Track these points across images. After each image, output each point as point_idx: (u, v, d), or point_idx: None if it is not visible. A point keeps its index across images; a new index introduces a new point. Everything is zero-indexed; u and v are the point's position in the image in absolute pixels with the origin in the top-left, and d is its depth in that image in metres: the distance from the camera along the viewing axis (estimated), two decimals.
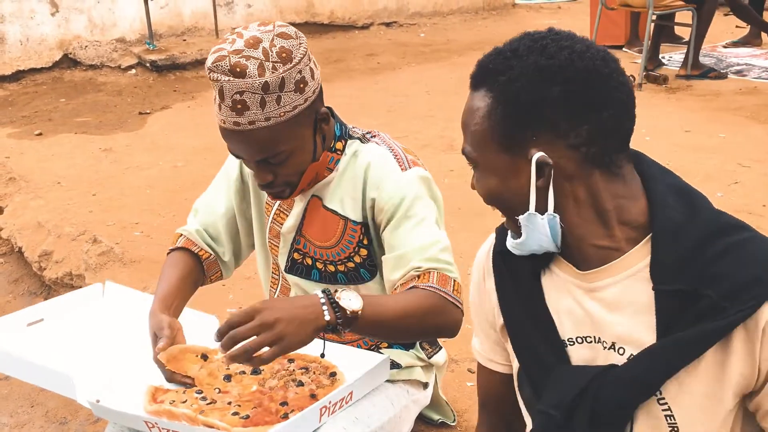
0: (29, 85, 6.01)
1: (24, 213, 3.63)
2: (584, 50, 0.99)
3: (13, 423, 2.41)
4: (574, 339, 1.08)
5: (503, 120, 1.01)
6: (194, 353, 1.53)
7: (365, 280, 1.61)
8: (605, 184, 1.01)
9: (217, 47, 1.41)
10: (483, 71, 1.04)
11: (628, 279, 1.02)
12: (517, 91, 0.99)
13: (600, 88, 0.99)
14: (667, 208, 1.01)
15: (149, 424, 1.31)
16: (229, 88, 1.37)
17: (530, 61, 0.99)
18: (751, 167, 3.93)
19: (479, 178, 1.07)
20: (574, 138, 0.99)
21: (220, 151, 5.00)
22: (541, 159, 0.99)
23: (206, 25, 6.80)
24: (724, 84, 5.50)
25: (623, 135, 1.03)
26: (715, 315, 0.95)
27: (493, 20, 8.19)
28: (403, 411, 1.60)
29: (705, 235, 0.98)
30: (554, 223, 1.02)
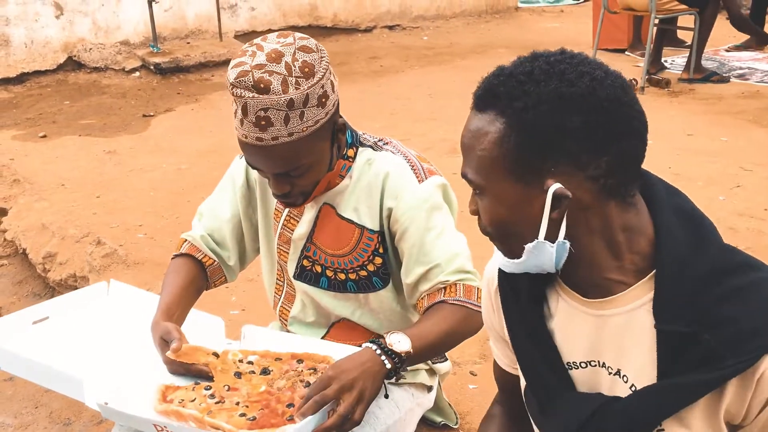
0: (34, 88, 6.03)
1: (28, 215, 3.65)
2: (604, 77, 0.96)
3: (17, 424, 2.42)
4: (578, 363, 1.07)
5: (517, 148, 0.95)
6: (205, 352, 1.54)
7: (377, 288, 1.61)
8: (619, 215, 0.98)
9: (237, 61, 1.39)
10: (492, 94, 0.98)
11: (632, 311, 1.01)
12: (536, 120, 0.94)
13: (620, 118, 0.95)
14: (673, 241, 0.98)
15: (158, 427, 1.32)
16: (254, 105, 1.36)
17: (550, 88, 0.94)
18: (753, 171, 3.93)
19: (485, 205, 1.02)
20: (594, 170, 0.94)
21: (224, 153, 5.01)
22: (559, 191, 0.94)
23: (210, 28, 6.82)
24: (727, 88, 5.51)
25: (639, 164, 1.00)
26: (713, 363, 0.93)
27: (496, 23, 8.21)
28: (408, 414, 1.61)
29: (710, 274, 0.95)
30: (563, 250, 0.99)
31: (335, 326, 1.67)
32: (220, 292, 2.89)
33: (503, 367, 1.28)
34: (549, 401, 1.09)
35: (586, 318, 1.04)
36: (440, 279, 1.49)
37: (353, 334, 1.65)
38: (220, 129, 4.97)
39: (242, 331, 1.69)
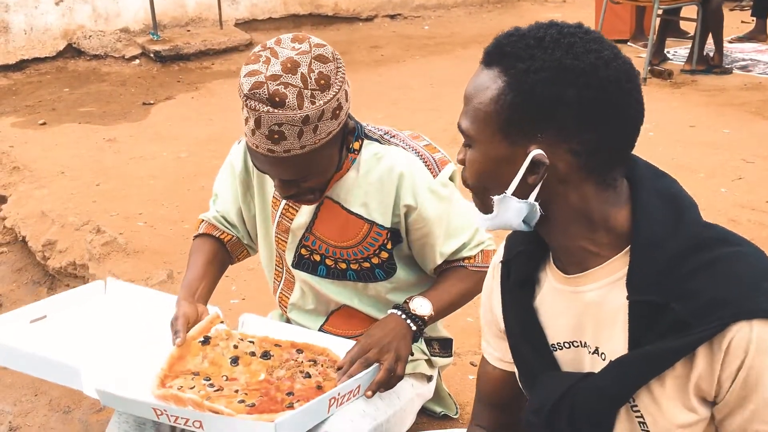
0: (33, 75, 6.01)
1: (28, 202, 3.64)
2: (611, 59, 0.97)
3: (16, 411, 2.42)
4: (562, 344, 1.09)
5: (511, 108, 0.98)
6: (195, 339, 1.53)
7: (378, 280, 1.61)
8: (596, 194, 1.01)
9: (250, 68, 1.36)
10: (500, 51, 1.00)
11: (608, 286, 1.03)
12: (534, 84, 0.96)
13: (616, 102, 0.97)
14: (651, 219, 1.00)
15: (157, 411, 1.31)
16: (268, 119, 1.34)
17: (555, 57, 0.96)
18: (755, 163, 3.92)
19: (471, 157, 1.05)
20: (578, 144, 0.97)
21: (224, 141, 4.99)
22: (538, 157, 0.98)
23: (210, 15, 6.78)
24: (729, 79, 5.49)
25: (625, 151, 1.02)
26: (680, 331, 0.95)
27: (498, 13, 8.17)
28: (408, 404, 1.61)
29: (684, 249, 0.97)
30: (532, 210, 1.02)
31: (335, 314, 1.67)
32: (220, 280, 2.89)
33: (494, 363, 1.27)
34: (533, 381, 1.12)
35: (567, 297, 1.07)
36: (463, 255, 1.60)
37: (353, 321, 1.65)
38: (220, 117, 4.96)
39: (240, 319, 1.69)
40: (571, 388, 1.05)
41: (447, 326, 1.95)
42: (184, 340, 1.51)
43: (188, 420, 1.28)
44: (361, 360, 1.44)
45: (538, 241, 1.10)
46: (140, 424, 1.44)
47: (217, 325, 1.57)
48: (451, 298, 1.58)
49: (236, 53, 6.42)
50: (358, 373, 1.42)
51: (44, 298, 1.88)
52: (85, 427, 2.32)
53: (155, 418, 1.32)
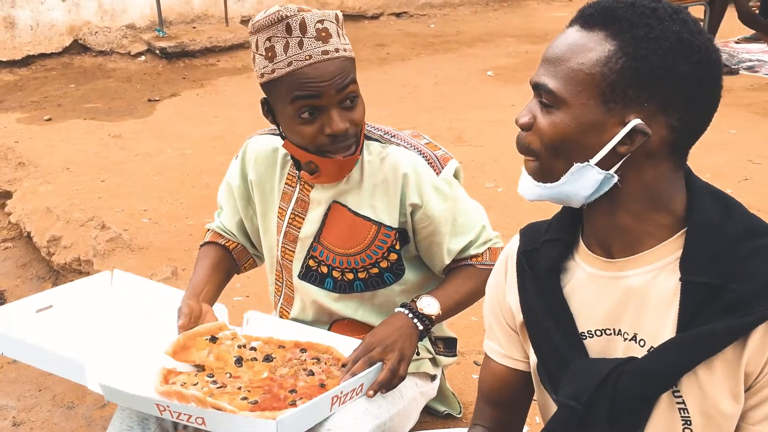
0: (39, 71, 6.02)
1: (33, 198, 3.65)
2: (713, 46, 0.99)
3: (20, 407, 2.43)
4: (593, 331, 1.08)
5: (621, 73, 0.95)
6: (203, 335, 1.54)
7: (387, 284, 1.61)
8: (670, 173, 1.01)
9: (261, 13, 1.44)
10: (609, 15, 0.98)
11: (657, 270, 1.02)
12: (652, 52, 0.95)
13: (716, 84, 0.99)
14: (705, 206, 1.01)
15: (161, 407, 1.31)
16: (310, 18, 1.41)
17: (673, 29, 0.96)
18: (761, 164, 3.91)
19: (554, 119, 0.99)
20: (677, 120, 0.97)
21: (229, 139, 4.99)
22: (640, 127, 0.96)
23: (216, 12, 6.79)
24: (736, 80, 5.47)
25: (702, 132, 1.03)
26: (739, 310, 0.95)
27: (504, 12, 8.15)
28: (411, 403, 1.61)
29: (738, 235, 0.98)
30: (607, 182, 1.00)
31: (336, 324, 1.66)
32: None
33: (495, 358, 1.25)
34: (561, 370, 1.09)
35: (606, 283, 1.05)
36: (471, 253, 1.60)
37: (354, 330, 1.64)
38: (225, 114, 4.96)
39: (245, 316, 1.69)
40: (613, 371, 1.02)
41: (450, 325, 1.94)
42: (187, 324, 1.52)
43: (191, 416, 1.28)
44: (365, 359, 1.44)
45: (568, 230, 1.10)
46: (143, 420, 1.44)
47: (225, 332, 1.57)
48: (459, 298, 1.58)
49: (242, 50, 6.42)
50: (361, 371, 1.42)
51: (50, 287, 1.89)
52: (88, 423, 2.32)
53: (158, 413, 1.32)
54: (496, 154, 3.98)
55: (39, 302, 1.75)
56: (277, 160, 1.63)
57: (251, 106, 5.17)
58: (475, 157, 3.82)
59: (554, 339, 1.11)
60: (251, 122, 4.65)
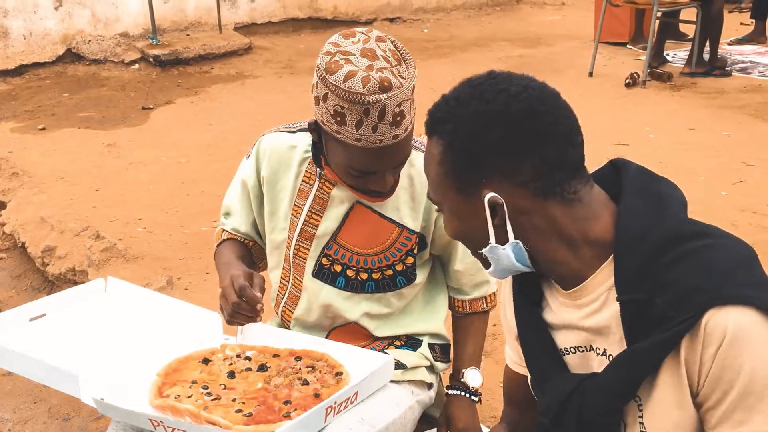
0: (32, 80, 6.01)
1: (27, 208, 3.63)
2: (520, 91, 1.04)
3: (16, 419, 2.41)
4: (569, 349, 1.14)
5: (454, 166, 1.07)
6: (196, 359, 1.54)
7: (399, 287, 1.61)
8: (563, 212, 1.05)
9: (342, 72, 1.35)
10: (432, 120, 1.10)
11: (605, 292, 1.06)
12: (462, 139, 1.05)
13: (537, 126, 1.03)
14: (631, 217, 1.04)
15: (154, 423, 1.31)
16: (391, 104, 1.37)
17: (471, 109, 1.05)
18: (755, 166, 3.91)
19: (445, 219, 1.14)
20: (522, 176, 1.04)
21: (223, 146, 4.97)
22: (492, 200, 1.05)
23: (210, 20, 6.78)
24: (729, 82, 5.49)
25: (571, 164, 1.05)
26: (664, 324, 0.98)
27: (497, 16, 8.17)
28: (407, 411, 1.60)
29: (663, 242, 1.00)
30: (518, 249, 1.08)
31: (336, 330, 1.66)
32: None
33: (511, 366, 1.34)
34: (545, 385, 1.17)
35: (570, 308, 1.11)
36: (489, 291, 1.71)
37: (354, 337, 1.64)
38: (219, 122, 4.96)
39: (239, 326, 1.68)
40: (577, 387, 1.08)
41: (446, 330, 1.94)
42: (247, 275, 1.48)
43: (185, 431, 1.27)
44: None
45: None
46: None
47: (218, 354, 1.57)
48: (481, 348, 1.74)
49: (236, 57, 6.42)
50: None
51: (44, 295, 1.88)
52: None
53: (152, 428, 1.31)
54: None
55: (32, 311, 1.74)
56: (293, 156, 1.62)
57: (245, 113, 5.18)
58: None
59: (539, 356, 1.18)
60: (246, 129, 4.65)
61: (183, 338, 1.61)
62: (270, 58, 6.52)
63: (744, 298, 0.95)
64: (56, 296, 1.83)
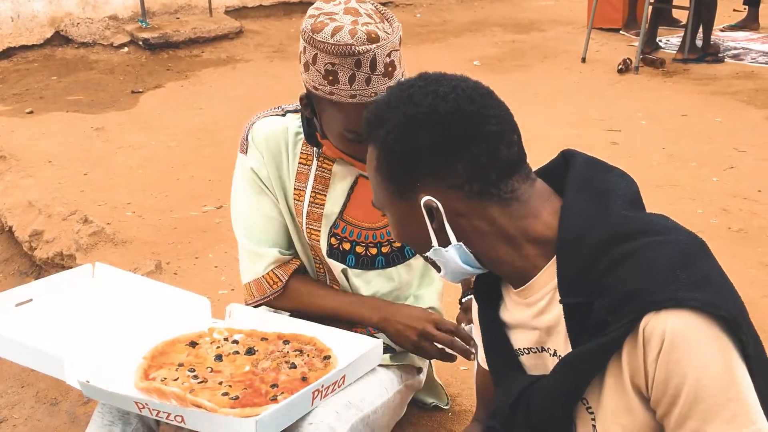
0: (20, 63, 5.94)
1: (14, 192, 3.60)
2: (448, 92, 1.02)
3: (2, 403, 2.40)
4: (523, 350, 1.13)
5: (388, 171, 1.06)
6: (183, 343, 1.53)
7: (407, 258, 1.63)
8: (501, 211, 1.03)
9: (328, 28, 1.35)
10: (367, 125, 1.08)
11: (550, 292, 1.04)
12: (392, 143, 1.04)
13: (466, 127, 1.01)
14: (573, 215, 1.01)
15: (139, 405, 1.30)
16: (381, 53, 1.36)
17: (399, 112, 1.03)
18: (746, 152, 3.92)
19: (389, 224, 1.13)
20: (454, 178, 1.02)
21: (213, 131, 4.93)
22: (427, 203, 1.04)
23: (200, 3, 6.71)
24: (721, 68, 5.48)
25: (505, 163, 1.03)
26: (601, 329, 0.95)
27: (490, 1, 8.13)
28: (396, 395, 1.60)
29: (604, 243, 0.97)
30: (461, 251, 1.06)
31: None
32: (209, 271, 2.87)
33: (482, 363, 1.30)
34: (499, 385, 1.17)
35: (522, 307, 1.10)
36: None
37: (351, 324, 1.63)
38: (209, 106, 4.92)
39: (227, 309, 1.67)
40: (525, 389, 1.08)
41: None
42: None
43: (170, 414, 1.27)
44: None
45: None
46: (124, 414, 1.42)
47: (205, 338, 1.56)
48: None
49: (226, 41, 6.36)
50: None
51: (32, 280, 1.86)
52: (72, 419, 2.30)
53: (137, 411, 1.30)
54: None
55: (19, 296, 1.73)
56: (288, 139, 1.58)
57: (236, 97, 5.14)
58: None
59: (495, 355, 1.17)
60: (236, 114, 4.61)
61: (171, 322, 1.60)
62: (261, 42, 6.47)
63: (680, 301, 0.91)
64: (43, 281, 1.82)
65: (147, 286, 1.79)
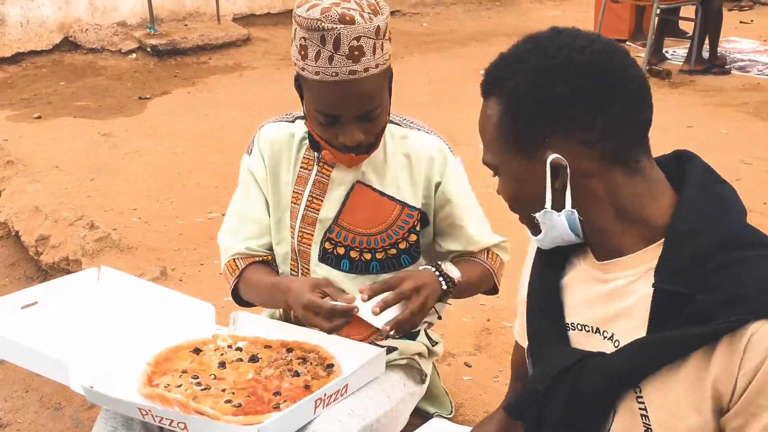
0: (29, 68, 5.98)
1: (21, 197, 3.61)
2: (585, 45, 0.99)
3: (7, 408, 2.40)
4: (577, 325, 1.10)
5: (513, 126, 1.02)
6: (187, 349, 1.53)
7: (403, 266, 1.63)
8: (624, 181, 1.01)
9: (308, 5, 1.39)
10: (489, 79, 1.05)
11: (636, 275, 1.02)
12: (522, 96, 1.00)
13: (605, 81, 0.98)
14: (691, 210, 0.99)
15: (143, 411, 1.30)
16: (347, 34, 1.37)
17: (531, 63, 1.00)
18: (753, 164, 3.91)
19: (501, 183, 1.09)
20: (588, 135, 0.98)
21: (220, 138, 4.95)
22: (555, 161, 0.99)
23: (208, 10, 6.75)
24: (728, 80, 5.48)
25: (640, 126, 1.01)
26: (699, 321, 0.94)
27: (497, 11, 8.15)
28: (399, 404, 1.59)
29: (718, 244, 0.96)
30: (573, 219, 1.03)
31: None
32: (214, 277, 2.87)
33: (519, 340, 1.30)
34: (541, 353, 1.14)
35: (594, 282, 1.07)
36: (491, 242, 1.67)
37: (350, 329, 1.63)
38: (216, 113, 4.93)
39: (231, 316, 1.67)
40: (580, 361, 1.05)
41: (443, 326, 1.93)
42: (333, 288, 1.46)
43: (173, 421, 1.27)
44: (396, 292, 1.43)
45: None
46: (128, 420, 1.43)
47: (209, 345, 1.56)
48: (470, 278, 1.60)
49: (233, 48, 6.39)
50: (390, 299, 1.42)
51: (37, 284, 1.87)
52: (75, 424, 2.30)
53: (141, 417, 1.30)
54: None
55: (24, 298, 1.73)
56: (293, 145, 1.62)
57: (243, 104, 5.16)
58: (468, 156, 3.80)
59: (542, 323, 1.14)
60: (243, 121, 4.63)
61: (175, 328, 1.61)
62: (268, 50, 6.49)
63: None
64: (49, 284, 1.83)
65: (152, 291, 1.80)
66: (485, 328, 2.50)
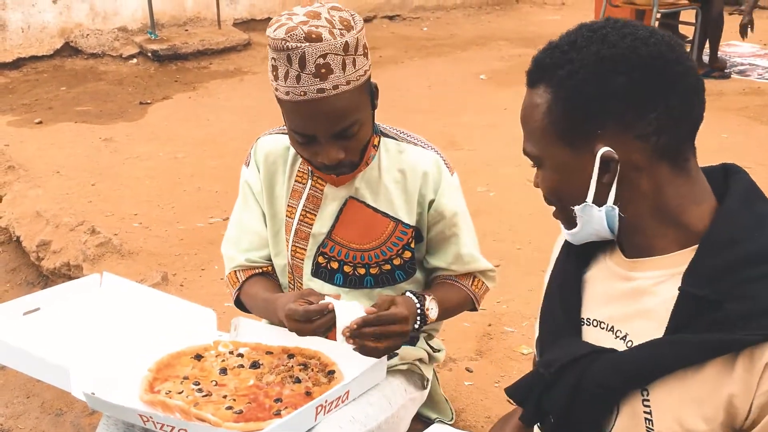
0: (30, 73, 5.99)
1: (23, 202, 3.62)
2: (648, 36, 0.96)
3: (8, 414, 2.40)
4: (592, 320, 1.09)
5: (564, 116, 0.98)
6: (188, 355, 1.53)
7: (398, 282, 1.61)
8: (671, 179, 0.99)
9: (277, 24, 1.39)
10: (539, 67, 1.01)
11: (664, 277, 1.01)
12: (579, 85, 0.96)
13: (667, 74, 0.95)
14: (731, 219, 0.98)
15: (144, 418, 1.30)
16: (312, 52, 1.35)
17: (591, 52, 0.96)
18: (753, 168, 3.87)
19: (543, 176, 1.05)
20: (643, 128, 0.95)
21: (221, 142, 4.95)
22: (606, 155, 0.96)
23: (208, 15, 6.76)
24: (728, 84, 5.48)
25: (693, 121, 0.99)
26: (723, 330, 0.92)
27: (497, 15, 8.16)
28: (400, 410, 1.59)
29: (757, 254, 0.94)
30: (612, 215, 1.01)
31: None
32: (215, 283, 2.88)
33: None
34: (552, 342, 1.12)
35: (617, 279, 1.06)
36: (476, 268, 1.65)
37: None
38: (217, 118, 4.94)
39: (233, 323, 1.67)
40: (590, 353, 1.03)
41: (443, 331, 1.93)
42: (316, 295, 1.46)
43: (174, 428, 1.27)
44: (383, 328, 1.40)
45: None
46: (129, 427, 1.43)
47: (210, 351, 1.56)
48: (448, 306, 1.61)
49: (234, 53, 6.40)
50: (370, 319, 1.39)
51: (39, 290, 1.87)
52: (77, 430, 2.30)
53: (142, 424, 1.31)
54: (488, 158, 3.97)
55: (26, 304, 1.73)
56: (288, 158, 1.61)
57: (244, 109, 5.16)
58: (468, 161, 3.81)
59: (557, 314, 1.13)
60: (244, 126, 4.63)
61: (176, 334, 1.61)
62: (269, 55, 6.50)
63: None
64: (51, 290, 1.83)
65: (153, 297, 1.80)
66: (486, 333, 2.50)
